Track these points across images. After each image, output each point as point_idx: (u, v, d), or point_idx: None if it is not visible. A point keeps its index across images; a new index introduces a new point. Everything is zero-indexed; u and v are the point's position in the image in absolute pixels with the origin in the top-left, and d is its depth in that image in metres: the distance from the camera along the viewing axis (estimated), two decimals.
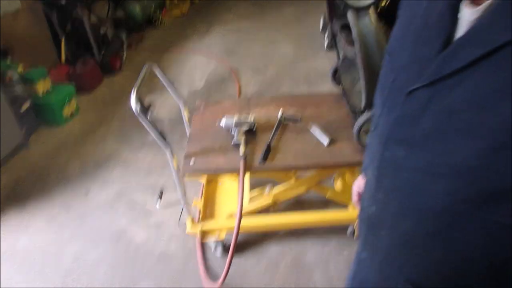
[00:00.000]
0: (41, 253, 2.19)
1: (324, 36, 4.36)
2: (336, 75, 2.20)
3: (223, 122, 1.91)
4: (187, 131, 2.10)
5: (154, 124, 1.64)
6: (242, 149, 1.76)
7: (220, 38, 4.81)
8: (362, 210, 0.93)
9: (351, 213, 2.02)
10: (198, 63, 4.23)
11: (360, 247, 0.95)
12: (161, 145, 1.69)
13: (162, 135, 1.68)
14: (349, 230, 2.08)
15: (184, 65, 4.20)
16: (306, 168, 1.81)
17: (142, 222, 2.31)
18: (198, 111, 2.16)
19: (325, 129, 1.88)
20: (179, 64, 4.23)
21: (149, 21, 5.14)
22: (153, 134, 1.66)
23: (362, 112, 1.77)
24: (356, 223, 2.02)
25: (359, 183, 1.14)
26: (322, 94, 2.28)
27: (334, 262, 1.98)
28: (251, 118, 1.91)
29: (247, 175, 2.17)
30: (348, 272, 1.22)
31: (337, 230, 2.10)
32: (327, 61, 3.91)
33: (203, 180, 2.27)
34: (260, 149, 1.82)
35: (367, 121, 1.70)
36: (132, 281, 1.99)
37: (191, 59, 4.33)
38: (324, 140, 1.83)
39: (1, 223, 2.40)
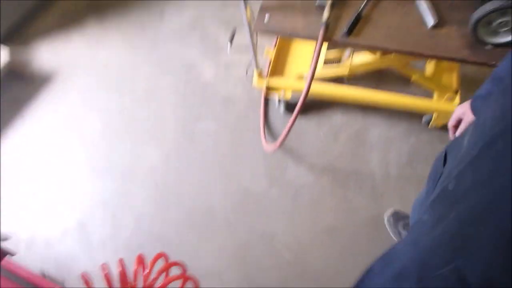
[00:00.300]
0: (117, 69, 2.32)
1: None
2: None
3: None
4: None
5: None
6: (326, 14, 1.50)
7: None
8: (447, 163, 0.82)
9: (434, 103, 1.80)
10: None
11: (426, 206, 0.83)
12: None
13: None
14: (425, 118, 1.89)
15: None
16: (398, 52, 1.53)
17: (212, 59, 2.27)
18: None
19: (435, 4, 1.50)
20: None
21: None
22: None
23: None
24: (434, 114, 1.82)
25: (463, 109, 1.01)
26: None
27: (396, 147, 1.89)
28: None
29: None
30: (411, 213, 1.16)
31: (411, 113, 1.92)
32: None
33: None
34: (348, 16, 1.53)
35: (495, 11, 1.30)
36: (196, 116, 2.10)
37: None
38: (429, 19, 1.48)
39: (83, 35, 2.51)
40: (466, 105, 1.00)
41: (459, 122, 1.05)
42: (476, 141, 0.71)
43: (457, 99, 1.77)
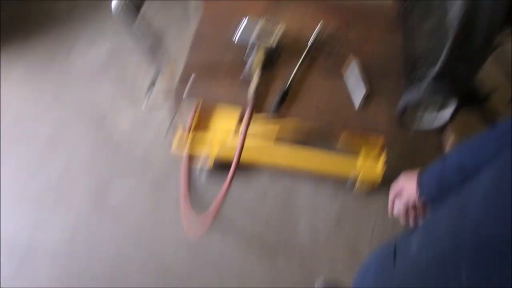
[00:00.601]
0: (17, 111, 1.99)
1: None
2: None
3: (239, 34, 1.45)
4: (194, 22, 1.63)
5: (145, 26, 1.19)
6: (252, 88, 1.38)
7: None
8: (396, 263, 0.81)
9: (357, 165, 1.77)
10: None
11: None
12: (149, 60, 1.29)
13: (156, 44, 1.25)
14: (348, 182, 1.85)
15: None
16: (329, 126, 1.46)
17: (128, 107, 2.03)
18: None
19: (364, 72, 1.46)
20: None
21: None
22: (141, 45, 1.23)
23: (422, 78, 1.33)
24: (357, 177, 1.79)
25: (405, 183, 0.92)
26: (375, 7, 1.71)
27: (324, 210, 1.84)
28: (277, 33, 1.44)
29: None
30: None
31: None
32: None
33: None
34: (277, 84, 1.44)
35: (424, 99, 1.28)
36: (108, 178, 1.85)
37: None
38: (358, 94, 1.43)
39: None
40: (410, 179, 0.91)
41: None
42: (425, 250, 0.70)
43: (382, 158, 1.76)
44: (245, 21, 1.45)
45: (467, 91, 1.27)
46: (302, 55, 1.50)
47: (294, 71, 1.45)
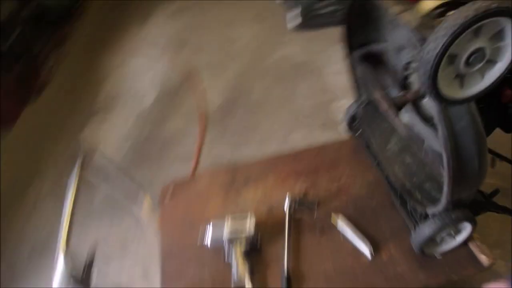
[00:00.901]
0: None
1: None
2: (353, 124, 1.56)
3: (210, 239, 1.26)
4: (156, 240, 1.42)
5: None
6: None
7: (165, 24, 3.88)
8: None
9: None
10: (143, 66, 3.36)
11: None
12: None
13: None
14: None
15: (125, 73, 3.32)
16: None
17: None
18: (165, 205, 1.48)
19: (356, 219, 1.31)
20: (118, 71, 3.34)
21: (68, 13, 4.00)
22: None
23: (424, 215, 1.17)
24: None
25: None
26: (332, 144, 1.63)
27: None
28: (249, 222, 1.27)
29: None
30: None
31: None
32: (297, 47, 3.15)
33: None
34: (272, 274, 1.23)
35: (440, 230, 1.11)
36: None
37: (132, 61, 3.44)
38: (363, 247, 1.24)
39: None
40: None
41: None
42: None
43: None
44: (210, 228, 1.27)
45: (476, 205, 1.14)
46: (283, 228, 1.32)
47: (285, 249, 1.25)
